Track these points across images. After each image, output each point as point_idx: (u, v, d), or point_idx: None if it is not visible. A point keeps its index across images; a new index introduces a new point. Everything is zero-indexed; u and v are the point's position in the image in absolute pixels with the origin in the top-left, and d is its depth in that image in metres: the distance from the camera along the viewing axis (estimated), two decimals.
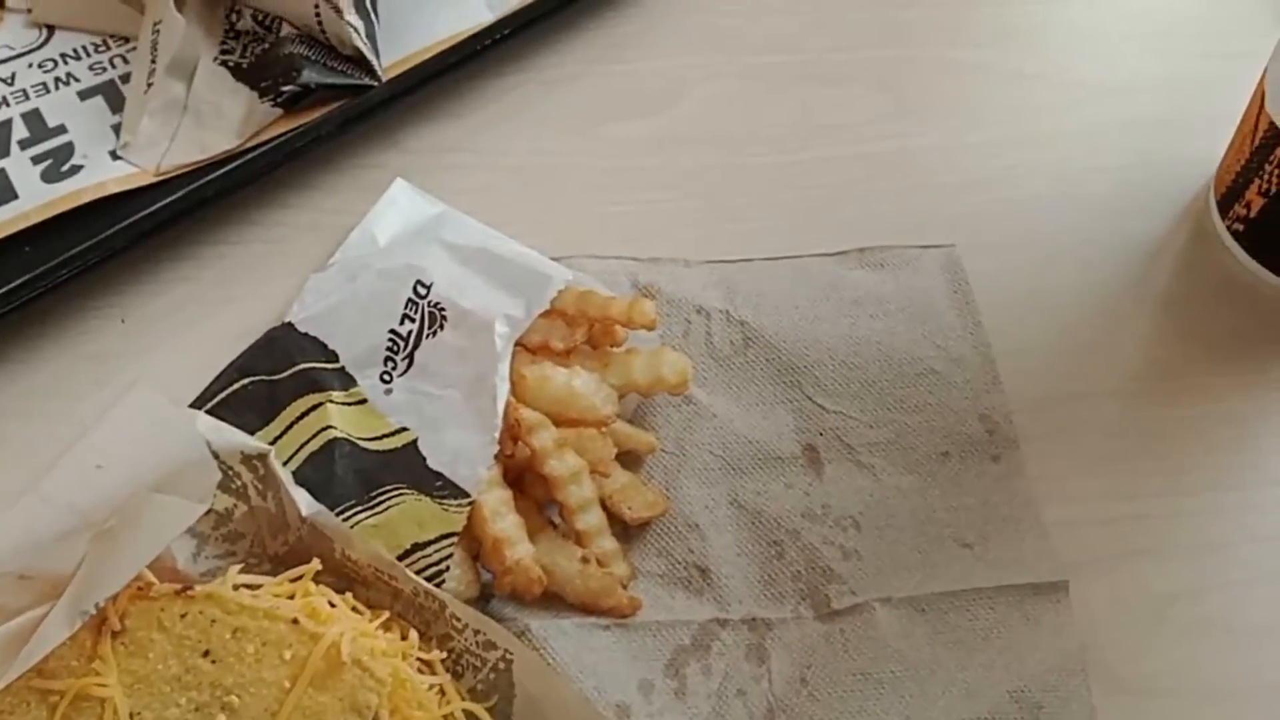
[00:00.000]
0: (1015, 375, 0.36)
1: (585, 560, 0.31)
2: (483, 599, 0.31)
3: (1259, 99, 0.36)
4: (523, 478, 0.32)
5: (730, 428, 0.35)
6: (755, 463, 0.34)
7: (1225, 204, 0.38)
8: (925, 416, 0.35)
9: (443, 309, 0.33)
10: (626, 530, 0.33)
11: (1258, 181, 0.36)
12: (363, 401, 0.32)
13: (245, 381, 0.33)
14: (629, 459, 0.34)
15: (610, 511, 0.32)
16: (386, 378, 0.32)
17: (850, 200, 0.40)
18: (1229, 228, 0.38)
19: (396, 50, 0.42)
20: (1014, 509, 0.33)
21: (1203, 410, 0.36)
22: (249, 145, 0.40)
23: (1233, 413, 0.36)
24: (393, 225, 0.38)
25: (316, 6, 0.40)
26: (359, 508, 0.31)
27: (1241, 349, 0.37)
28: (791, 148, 0.41)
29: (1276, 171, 0.35)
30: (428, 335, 0.33)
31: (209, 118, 0.40)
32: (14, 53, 0.42)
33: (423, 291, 0.33)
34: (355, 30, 0.41)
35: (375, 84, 0.41)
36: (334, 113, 0.40)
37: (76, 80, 0.41)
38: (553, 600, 0.31)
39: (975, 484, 0.34)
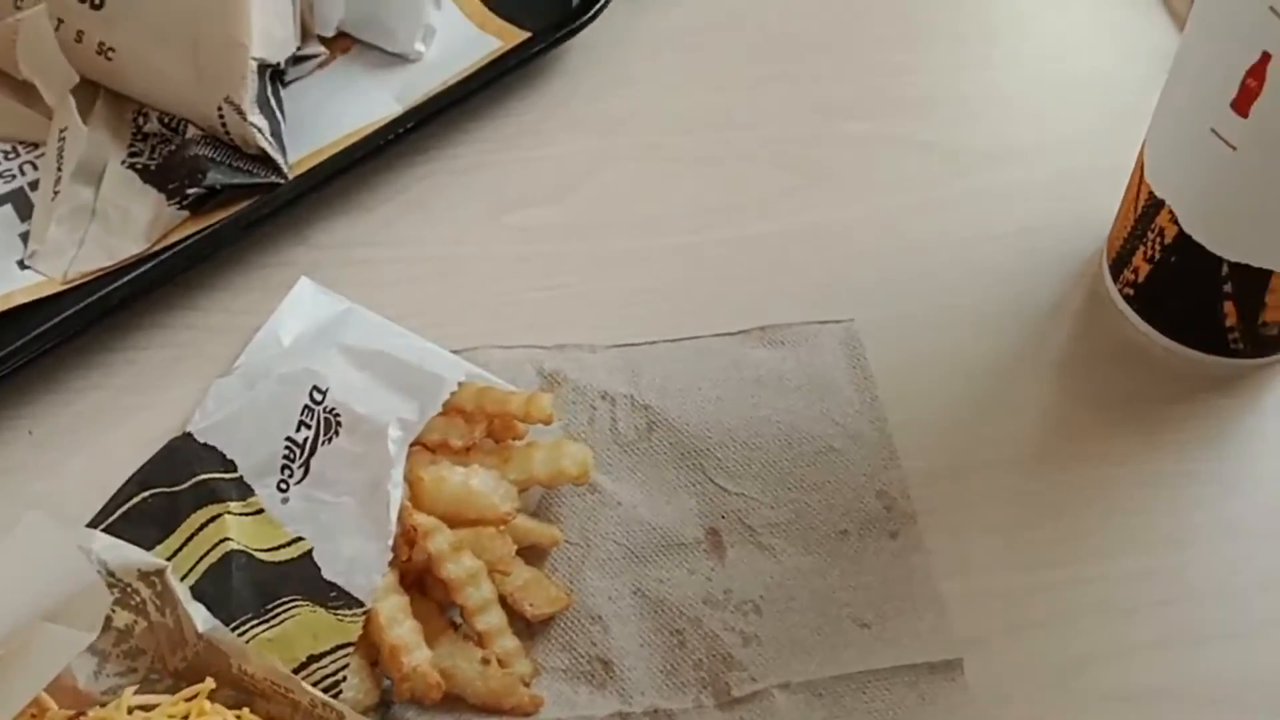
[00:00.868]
0: (913, 448, 0.37)
1: (486, 661, 0.31)
2: (383, 706, 0.31)
3: (1139, 167, 0.37)
4: (423, 580, 0.33)
5: (634, 515, 0.35)
6: (659, 550, 0.35)
7: (1116, 268, 0.39)
8: (824, 495, 0.36)
9: (338, 415, 0.33)
10: (530, 626, 0.33)
11: (1142, 248, 0.37)
12: (260, 511, 0.33)
13: (145, 495, 0.34)
14: (533, 552, 0.34)
15: (512, 609, 0.33)
16: (283, 486, 0.33)
17: (751, 278, 0.41)
18: (1121, 291, 0.39)
19: (304, 145, 0.43)
20: (912, 585, 0.34)
21: (1099, 474, 0.36)
22: (157, 249, 0.40)
23: (1128, 476, 0.36)
24: (297, 326, 0.38)
25: (220, 109, 0.41)
26: (255, 621, 0.31)
27: (1136, 411, 0.38)
28: (693, 227, 0.42)
29: (1158, 239, 0.36)
30: (323, 442, 0.33)
31: (116, 222, 0.41)
32: None
33: (319, 397, 0.34)
34: (259, 130, 0.41)
35: (282, 181, 0.42)
36: (241, 212, 0.41)
37: None
38: (455, 703, 0.31)
39: (874, 562, 0.34)
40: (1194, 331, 0.37)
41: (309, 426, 0.33)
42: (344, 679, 0.30)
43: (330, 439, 0.33)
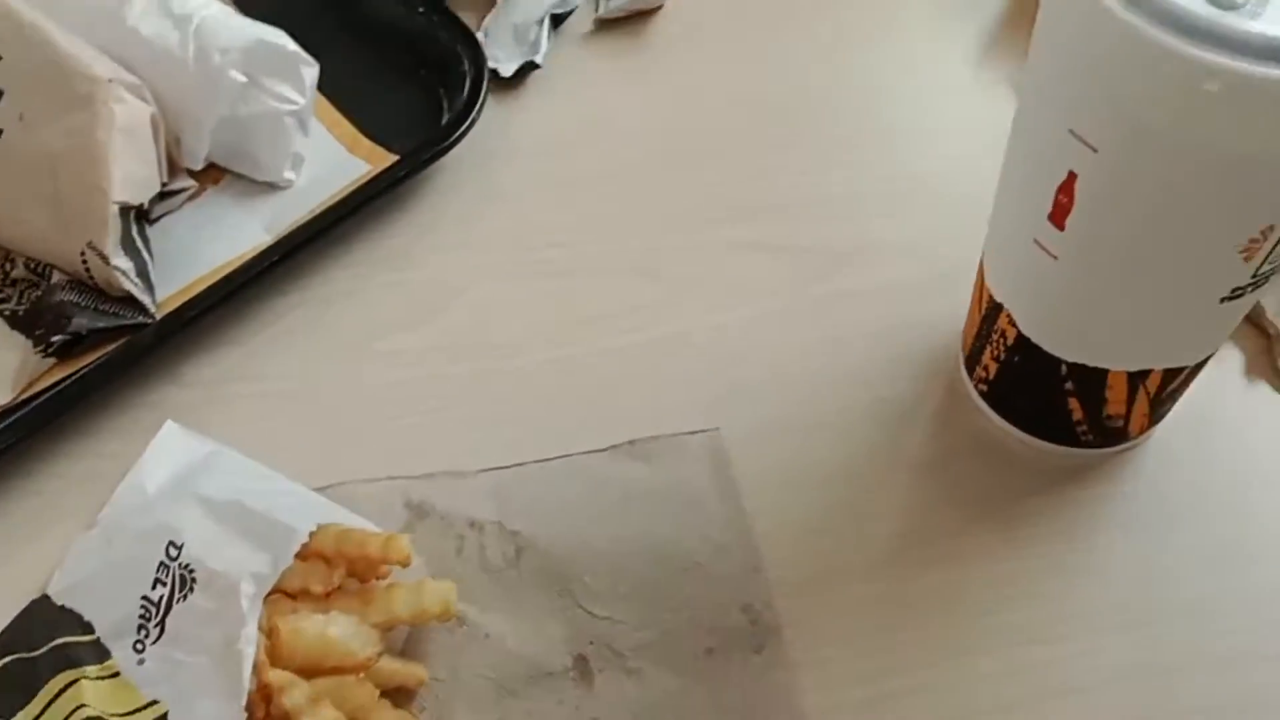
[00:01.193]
0: (778, 558, 0.37)
1: None
2: None
3: (981, 271, 0.38)
4: None
5: (503, 646, 0.35)
6: (527, 681, 0.35)
7: (970, 366, 0.40)
8: (691, 612, 0.36)
9: (193, 571, 0.33)
10: None
11: (990, 348, 0.38)
12: (116, 675, 0.32)
13: (7, 660, 0.33)
14: (401, 693, 0.34)
15: None
16: (139, 647, 0.33)
17: (620, 391, 0.41)
18: (976, 388, 0.40)
19: (174, 281, 0.43)
20: (776, 702, 0.34)
21: (960, 574, 0.37)
22: (24, 398, 0.40)
23: (989, 574, 0.37)
24: (162, 473, 0.38)
25: (83, 254, 0.41)
26: None
27: (995, 508, 0.38)
28: (561, 343, 0.42)
29: (1002, 340, 0.37)
30: (178, 599, 0.33)
31: None
32: None
33: (174, 553, 0.34)
34: (123, 273, 0.41)
35: (149, 321, 0.42)
36: (110, 355, 0.41)
37: None
38: None
39: (739, 679, 0.35)
40: (1045, 425, 0.38)
41: (164, 584, 0.33)
42: None
43: (185, 596, 0.33)
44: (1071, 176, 0.30)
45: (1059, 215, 0.32)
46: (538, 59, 0.50)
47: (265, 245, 0.44)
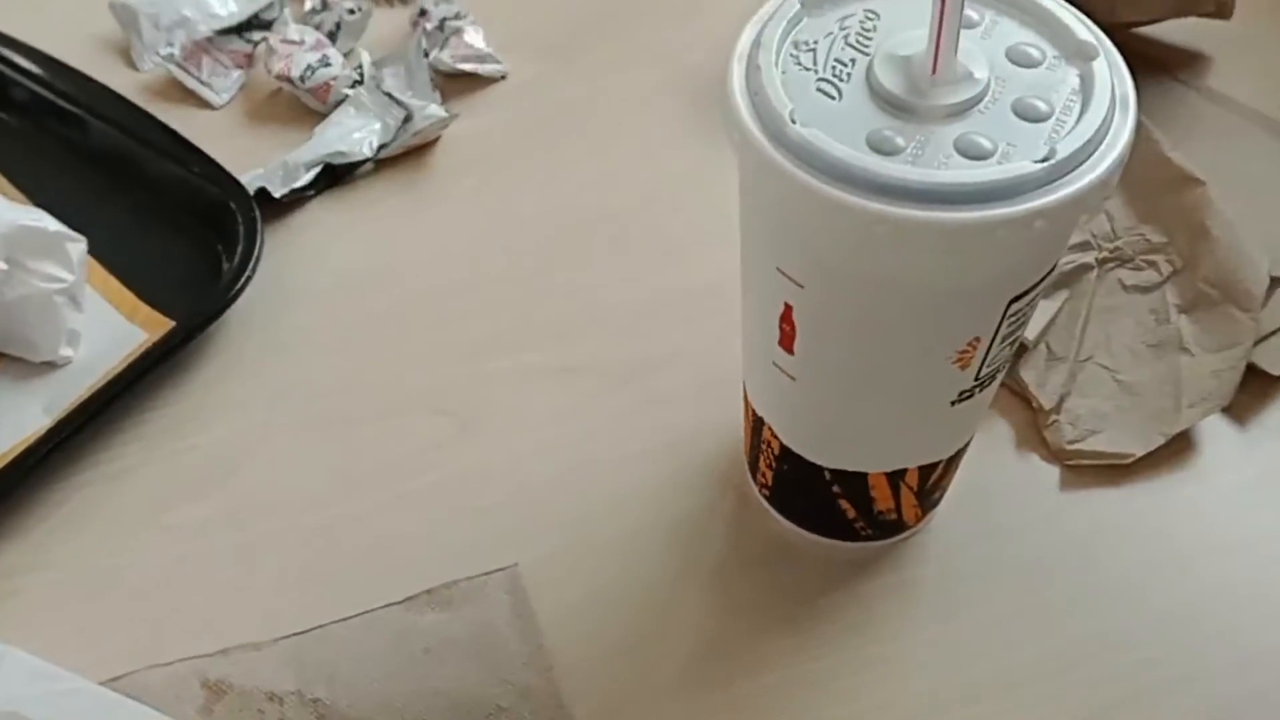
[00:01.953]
0: (579, 690, 0.37)
1: None
2: None
3: (744, 381, 0.38)
4: None
5: None
6: None
7: (753, 472, 0.41)
8: None
9: None
10: None
11: (763, 456, 0.39)
12: None
13: None
14: None
15: None
16: None
17: (420, 536, 0.41)
18: (760, 493, 0.41)
19: None
20: None
21: (763, 682, 0.38)
22: None
23: (793, 678, 0.38)
24: None
25: None
26: None
27: (792, 611, 0.39)
28: (355, 494, 0.42)
29: (770, 450, 0.38)
30: None
31: None
32: None
33: None
34: None
35: None
36: None
37: None
38: None
39: None
40: (826, 525, 0.39)
41: None
42: None
43: None
44: (788, 307, 0.32)
45: (787, 342, 0.33)
46: (303, 184, 0.50)
47: (45, 429, 0.43)
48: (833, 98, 0.29)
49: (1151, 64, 0.54)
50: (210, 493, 0.43)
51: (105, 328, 0.46)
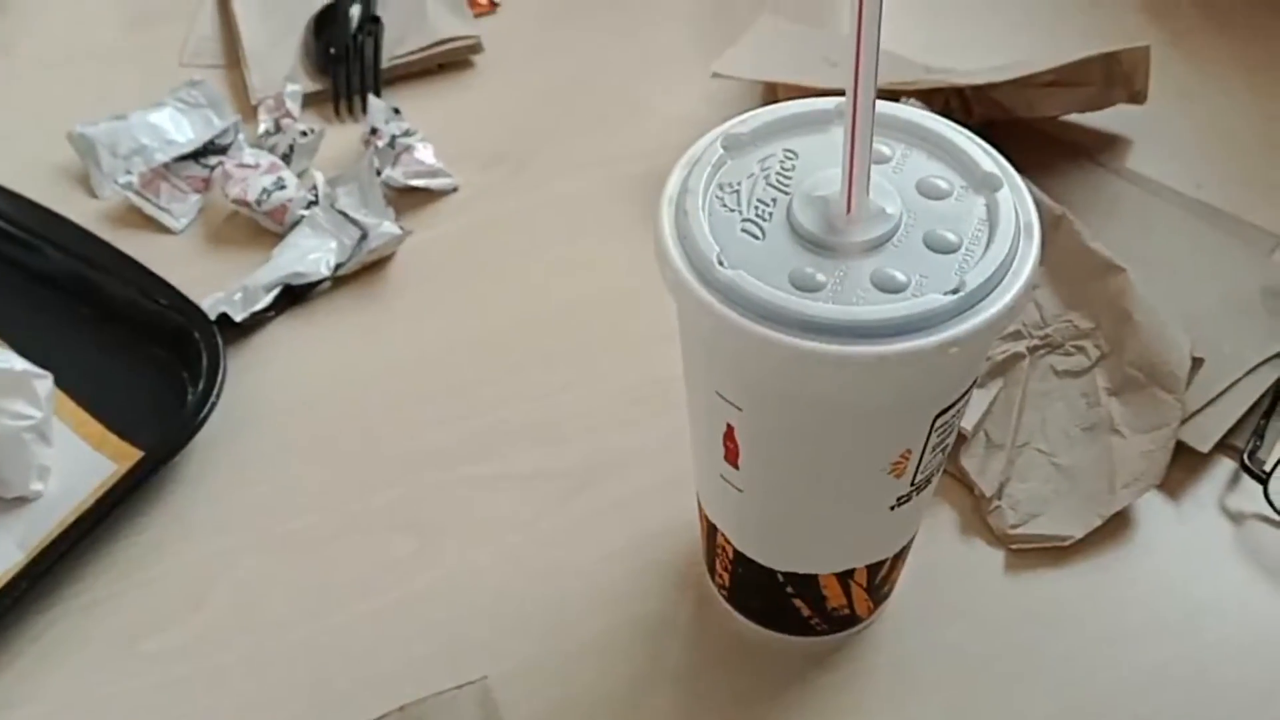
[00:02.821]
0: None
1: None
2: None
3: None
4: None
5: None
6: None
7: (710, 572, 0.42)
8: None
9: None
10: None
11: (719, 559, 0.40)
12: None
13: None
14: None
15: None
16: None
17: (388, 653, 0.42)
18: (719, 592, 0.42)
19: None
20: None
21: None
22: None
23: None
24: None
25: None
26: None
27: (754, 708, 0.40)
28: (325, 612, 0.43)
29: (725, 553, 0.39)
30: None
31: None
32: None
33: None
34: None
35: None
36: None
37: None
38: None
39: None
40: (782, 622, 0.41)
41: None
42: None
43: None
44: (730, 427, 0.33)
45: (731, 457, 0.34)
46: (263, 306, 0.52)
47: (19, 565, 0.44)
48: (757, 237, 0.31)
49: (1072, 148, 0.57)
50: (184, 618, 0.43)
51: (74, 459, 0.47)
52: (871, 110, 0.30)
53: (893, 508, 0.35)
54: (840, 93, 0.31)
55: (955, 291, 0.29)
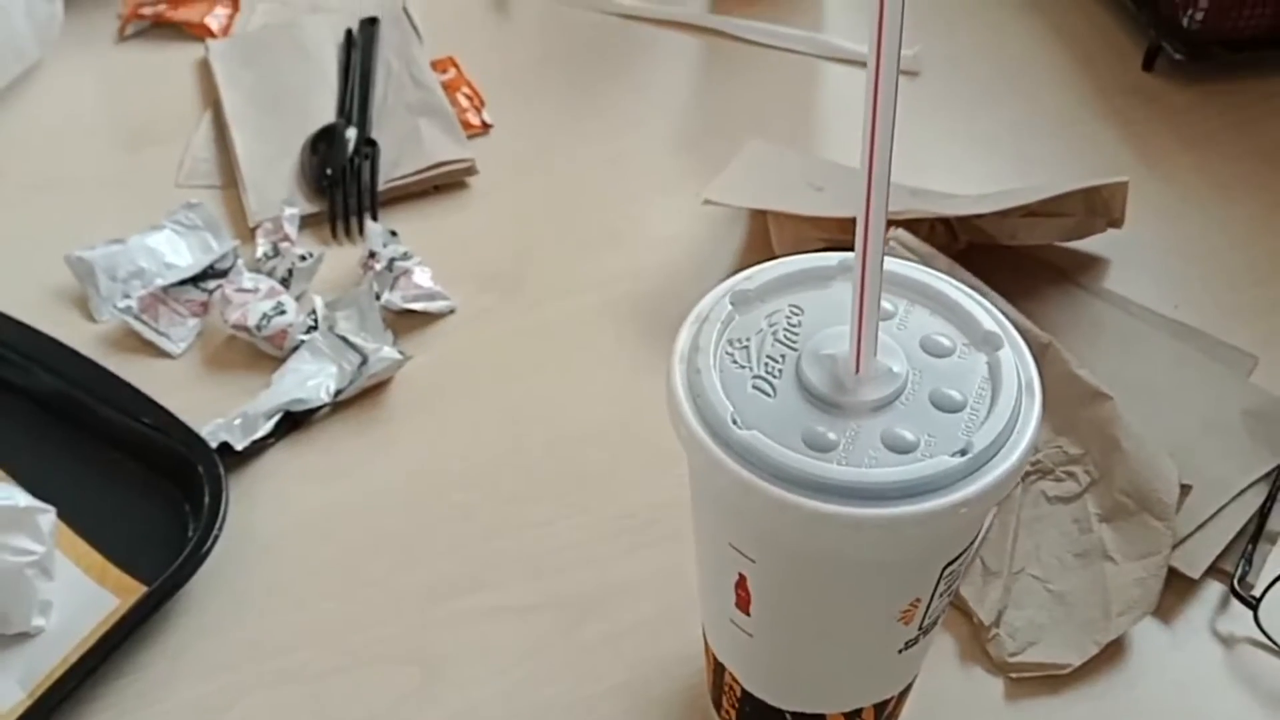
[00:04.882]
0: None
1: None
2: None
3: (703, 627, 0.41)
4: None
5: None
6: None
7: (716, 706, 0.42)
8: None
9: None
10: None
11: (725, 697, 0.41)
12: None
13: None
14: None
15: None
16: None
17: None
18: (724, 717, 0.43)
19: None
20: None
21: None
22: None
23: None
24: None
25: None
26: None
27: None
28: None
29: (733, 692, 0.40)
30: None
31: None
32: None
33: None
34: None
35: None
36: None
37: None
38: None
39: None
40: None
41: None
42: None
43: None
44: (743, 576, 0.34)
45: (743, 604, 0.35)
46: (263, 434, 0.52)
47: (23, 705, 0.44)
48: (768, 395, 0.32)
49: (1052, 270, 0.58)
50: None
51: (76, 593, 0.47)
52: (879, 277, 0.31)
53: (901, 650, 0.35)
54: (827, 221, 0.32)
55: (963, 453, 0.30)
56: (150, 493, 0.51)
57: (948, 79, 0.72)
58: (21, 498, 0.46)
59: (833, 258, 0.35)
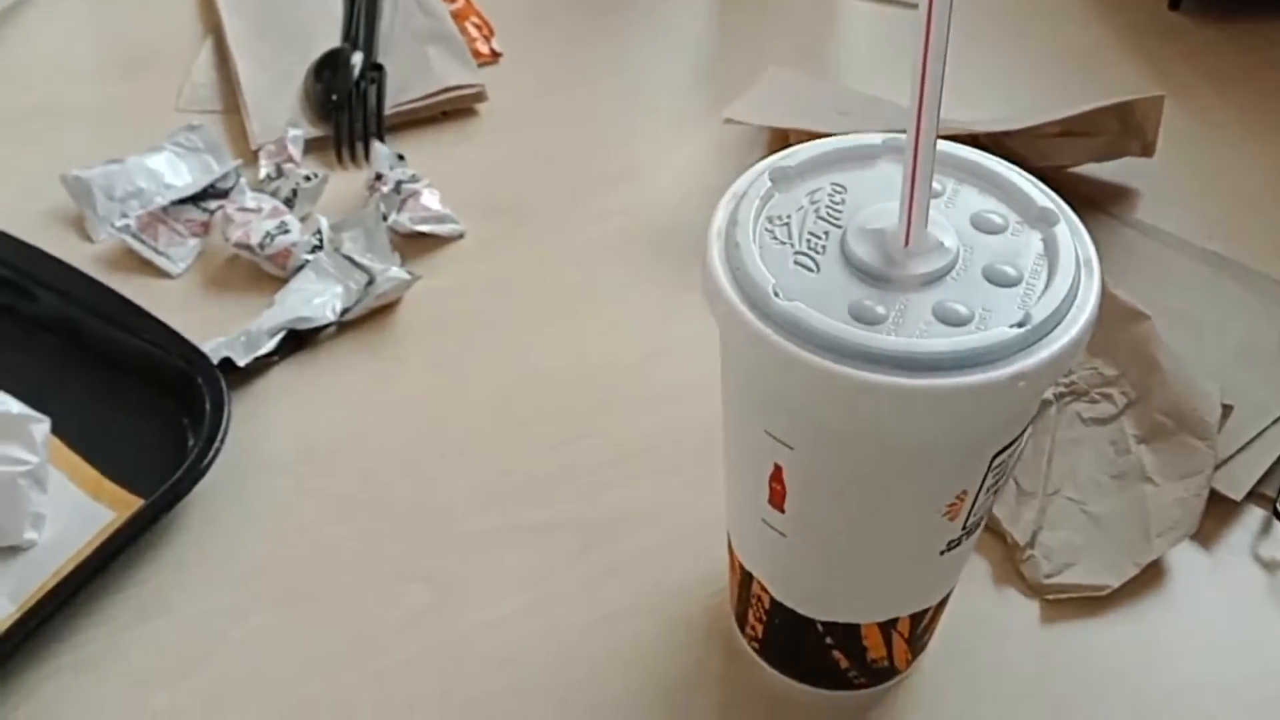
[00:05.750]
0: None
1: None
2: None
3: (729, 537, 0.39)
4: None
5: None
6: None
7: (741, 625, 0.41)
8: None
9: None
10: None
11: (752, 610, 0.39)
12: None
13: None
14: None
15: None
16: None
17: (405, 710, 0.40)
18: (750, 645, 0.41)
19: None
20: None
21: None
22: None
23: None
24: None
25: None
26: None
27: None
28: (337, 669, 0.41)
29: (760, 604, 0.38)
30: None
31: None
32: None
33: None
34: None
35: None
36: None
37: None
38: None
39: None
40: (818, 676, 0.39)
41: None
42: None
43: None
44: (778, 468, 0.32)
45: (777, 500, 0.33)
46: (266, 351, 0.50)
47: (12, 618, 0.42)
48: (811, 270, 0.30)
49: (1084, 200, 0.57)
50: (188, 675, 0.41)
51: (70, 508, 0.45)
52: (934, 138, 0.29)
53: (943, 552, 0.34)
54: None
55: (1022, 325, 0.28)
56: (149, 410, 0.49)
57: (973, 11, 0.70)
58: (14, 405, 0.44)
59: (876, 137, 0.34)
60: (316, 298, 0.53)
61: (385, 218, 0.56)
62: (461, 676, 0.41)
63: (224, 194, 0.57)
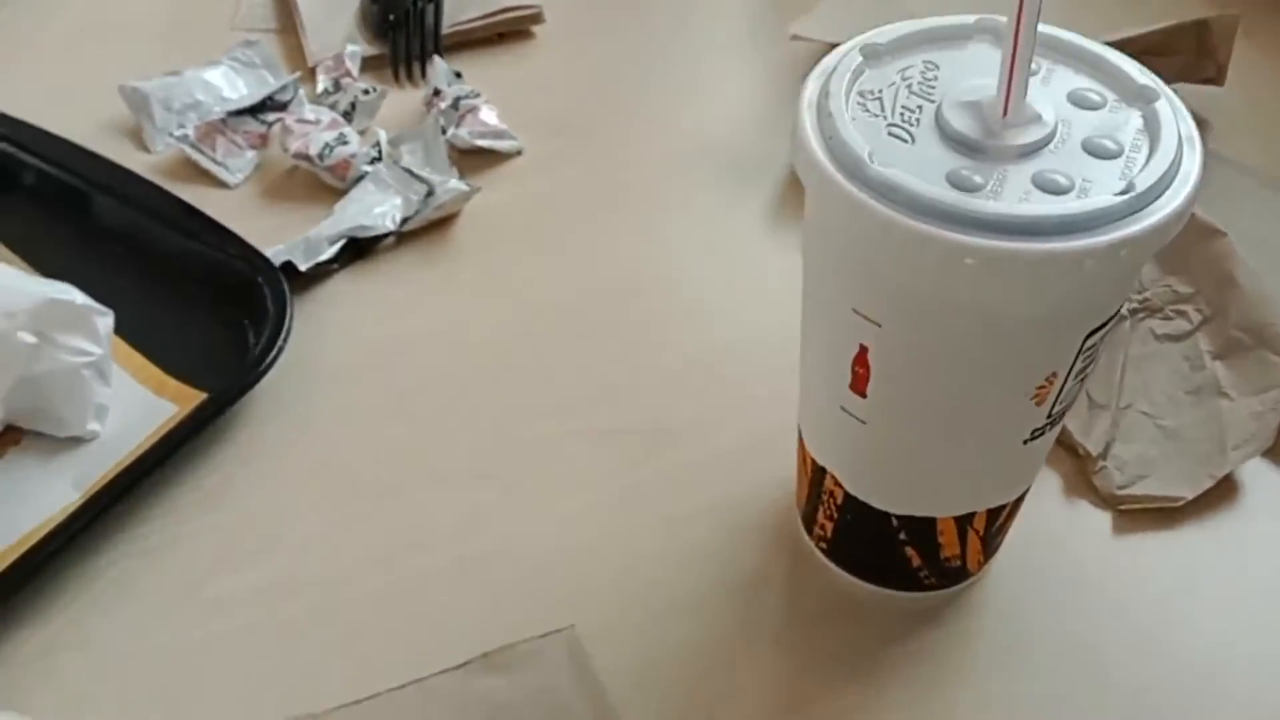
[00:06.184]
0: None
1: None
2: None
3: (801, 436, 0.38)
4: None
5: None
6: None
7: (808, 525, 0.40)
8: None
9: None
10: None
11: (822, 508, 0.38)
12: None
13: None
14: None
15: None
16: None
17: (467, 604, 0.40)
18: (817, 546, 0.40)
19: None
20: None
21: None
22: None
23: None
24: None
25: None
26: None
27: (857, 664, 0.38)
28: (401, 562, 0.41)
29: (832, 500, 0.38)
30: None
31: None
32: None
33: None
34: None
35: None
36: None
37: None
38: None
39: None
40: (888, 575, 0.39)
41: None
42: None
43: None
44: (863, 349, 0.32)
45: (859, 384, 0.33)
46: (327, 257, 0.50)
47: (75, 505, 0.42)
48: (905, 141, 0.29)
49: None
50: (249, 567, 0.41)
51: (133, 402, 0.45)
52: (1038, 6, 0.29)
53: (1026, 441, 0.33)
54: None
55: (1125, 193, 0.27)
56: (211, 312, 0.49)
57: None
58: (79, 296, 0.44)
59: (969, 17, 0.33)
60: (376, 207, 0.52)
61: (444, 131, 0.56)
62: (526, 570, 0.41)
63: (282, 106, 0.57)
